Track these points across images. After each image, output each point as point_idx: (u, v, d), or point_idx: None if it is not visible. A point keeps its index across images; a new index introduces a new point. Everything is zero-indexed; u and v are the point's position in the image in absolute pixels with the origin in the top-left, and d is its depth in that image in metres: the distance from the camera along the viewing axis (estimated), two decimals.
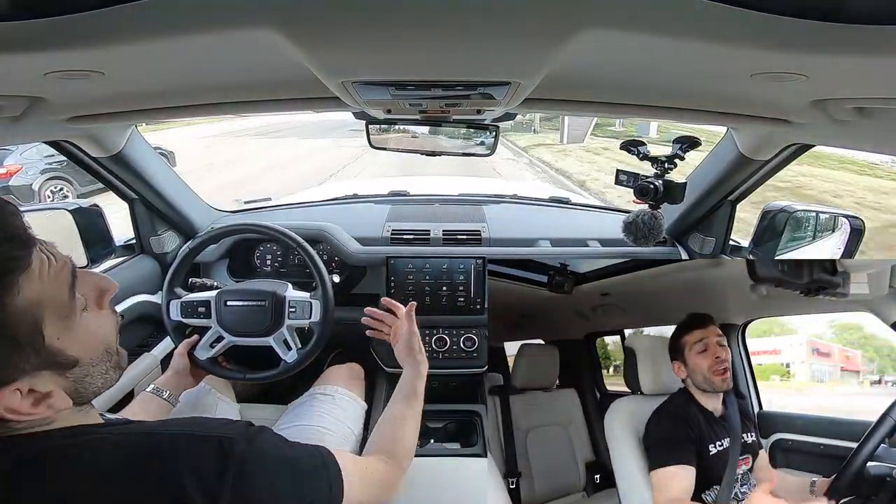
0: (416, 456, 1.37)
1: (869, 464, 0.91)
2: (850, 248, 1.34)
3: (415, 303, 1.28)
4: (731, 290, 1.14)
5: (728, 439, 1.04)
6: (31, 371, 0.56)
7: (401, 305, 1.28)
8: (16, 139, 1.05)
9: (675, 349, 1.09)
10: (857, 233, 1.34)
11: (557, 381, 1.32)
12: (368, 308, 1.33)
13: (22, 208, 0.57)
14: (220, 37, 0.57)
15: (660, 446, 1.02)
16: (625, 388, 1.18)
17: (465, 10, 0.52)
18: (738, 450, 1.03)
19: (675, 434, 1.01)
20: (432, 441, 1.51)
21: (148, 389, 1.23)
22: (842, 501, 0.91)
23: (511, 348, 1.31)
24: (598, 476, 1.25)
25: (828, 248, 1.51)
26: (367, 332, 1.33)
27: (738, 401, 1.10)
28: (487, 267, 1.42)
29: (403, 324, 1.23)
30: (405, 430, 1.04)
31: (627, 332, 1.30)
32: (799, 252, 1.54)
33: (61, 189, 8.14)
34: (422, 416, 1.54)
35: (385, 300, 1.32)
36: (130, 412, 1.13)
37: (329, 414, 1.32)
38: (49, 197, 8.08)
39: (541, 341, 1.33)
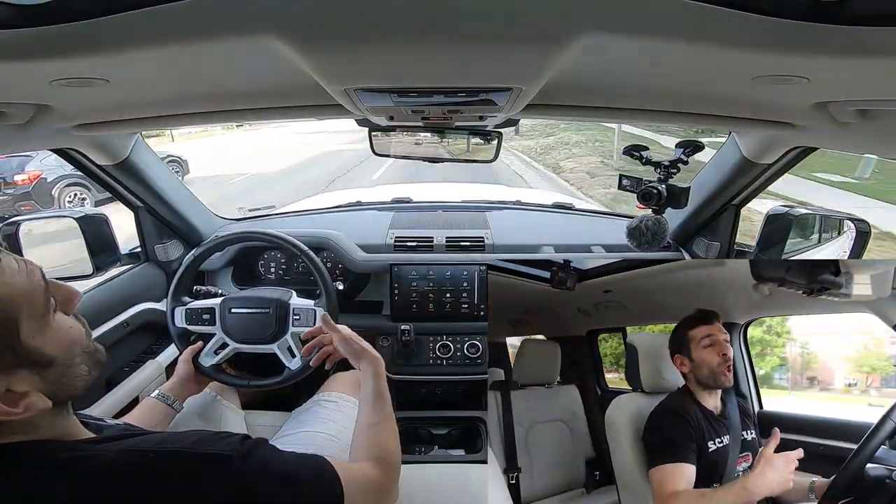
0: (420, 462, 1.37)
1: (868, 465, 0.90)
2: (856, 251, 1.33)
3: (326, 313, 1.25)
4: (733, 289, 1.14)
5: (728, 437, 1.04)
6: (7, 369, 0.56)
7: (319, 326, 1.21)
8: (22, 146, 1.05)
9: (680, 343, 1.08)
10: (862, 235, 1.33)
11: (559, 378, 1.32)
12: (307, 342, 1.24)
13: (28, 217, 0.58)
14: (224, 45, 0.58)
15: (659, 444, 1.02)
16: (626, 386, 1.18)
17: (465, 17, 0.53)
18: (737, 447, 1.03)
19: (675, 432, 1.01)
20: (436, 448, 1.51)
21: (152, 395, 1.23)
22: (840, 503, 0.90)
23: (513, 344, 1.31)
24: (598, 472, 1.25)
25: (833, 251, 1.50)
26: (313, 361, 1.22)
27: (738, 399, 1.10)
28: (491, 262, 1.43)
29: (329, 333, 1.16)
30: (382, 435, 0.99)
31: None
32: (804, 255, 1.53)
33: (79, 195, 8.14)
34: (426, 423, 1.54)
35: (305, 333, 1.25)
36: (133, 418, 1.13)
37: (332, 420, 1.32)
38: (68, 203, 8.07)
39: (542, 337, 1.33)
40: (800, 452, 0.93)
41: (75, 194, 8.11)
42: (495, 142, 1.33)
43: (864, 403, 1.10)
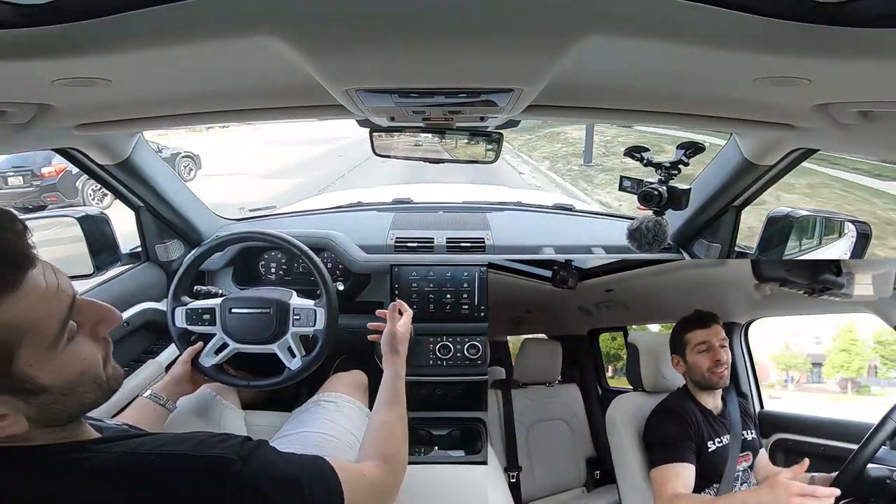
0: (420, 463, 1.36)
1: (869, 466, 0.91)
2: (857, 253, 1.33)
3: (398, 302, 1.32)
4: (734, 289, 1.14)
5: (728, 436, 1.04)
6: None
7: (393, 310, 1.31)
8: (24, 146, 1.05)
9: (677, 345, 1.09)
10: (863, 237, 1.33)
11: (560, 377, 1.32)
12: (371, 324, 1.36)
13: (29, 216, 0.57)
14: (225, 45, 0.58)
15: (659, 444, 1.02)
16: (626, 385, 1.18)
17: (468, 17, 0.53)
18: (738, 447, 1.03)
19: (675, 432, 1.01)
20: (436, 449, 1.51)
21: (145, 395, 1.22)
22: (841, 503, 0.91)
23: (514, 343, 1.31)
24: (598, 472, 1.25)
25: (834, 253, 1.50)
26: (370, 337, 1.34)
27: (739, 399, 1.10)
28: (492, 261, 1.44)
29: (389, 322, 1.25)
30: (394, 434, 1.02)
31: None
32: (805, 258, 1.53)
33: (101, 188, 8.28)
34: (426, 424, 1.54)
35: (379, 312, 1.35)
36: (127, 417, 1.13)
37: (332, 421, 1.32)
38: (91, 195, 8.34)
39: (544, 336, 1.33)
40: (811, 489, 0.86)
41: (100, 186, 8.27)
42: (496, 142, 1.33)
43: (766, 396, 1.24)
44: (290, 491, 0.68)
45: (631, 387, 1.16)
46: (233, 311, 1.36)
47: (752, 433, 1.08)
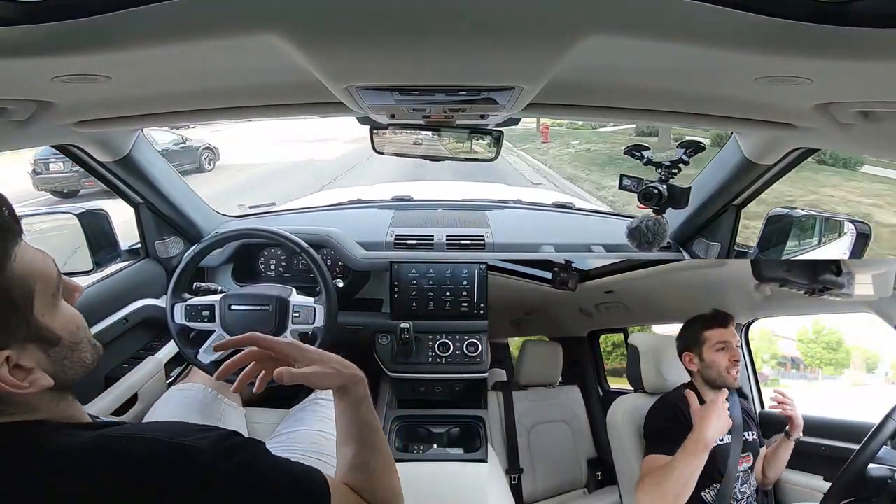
0: (419, 461, 1.36)
1: (870, 466, 0.91)
2: (857, 253, 1.33)
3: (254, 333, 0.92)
4: (734, 289, 1.14)
5: (729, 436, 1.04)
6: (20, 341, 0.57)
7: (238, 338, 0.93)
8: (24, 143, 1.05)
9: (692, 342, 1.08)
10: (863, 237, 1.33)
11: (560, 378, 1.33)
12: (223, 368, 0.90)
13: (31, 211, 0.58)
14: (226, 42, 0.58)
15: (655, 436, 1.03)
16: (627, 386, 1.18)
17: (468, 16, 0.52)
18: (739, 446, 1.03)
19: (671, 425, 1.02)
20: (435, 446, 1.51)
21: None
22: (842, 503, 0.91)
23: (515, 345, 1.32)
24: (599, 472, 1.25)
25: (834, 253, 1.50)
26: (234, 388, 0.94)
27: (741, 400, 1.10)
28: (492, 263, 1.43)
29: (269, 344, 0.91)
30: (374, 474, 0.81)
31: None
32: (804, 257, 1.53)
33: None
34: (424, 422, 1.54)
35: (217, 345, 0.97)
36: None
37: (330, 419, 1.32)
38: None
39: (544, 338, 1.33)
40: (724, 393, 1.04)
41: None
42: (496, 140, 1.33)
43: None
44: (268, 497, 0.63)
45: (631, 388, 1.17)
46: (232, 307, 1.36)
47: (753, 434, 1.08)
